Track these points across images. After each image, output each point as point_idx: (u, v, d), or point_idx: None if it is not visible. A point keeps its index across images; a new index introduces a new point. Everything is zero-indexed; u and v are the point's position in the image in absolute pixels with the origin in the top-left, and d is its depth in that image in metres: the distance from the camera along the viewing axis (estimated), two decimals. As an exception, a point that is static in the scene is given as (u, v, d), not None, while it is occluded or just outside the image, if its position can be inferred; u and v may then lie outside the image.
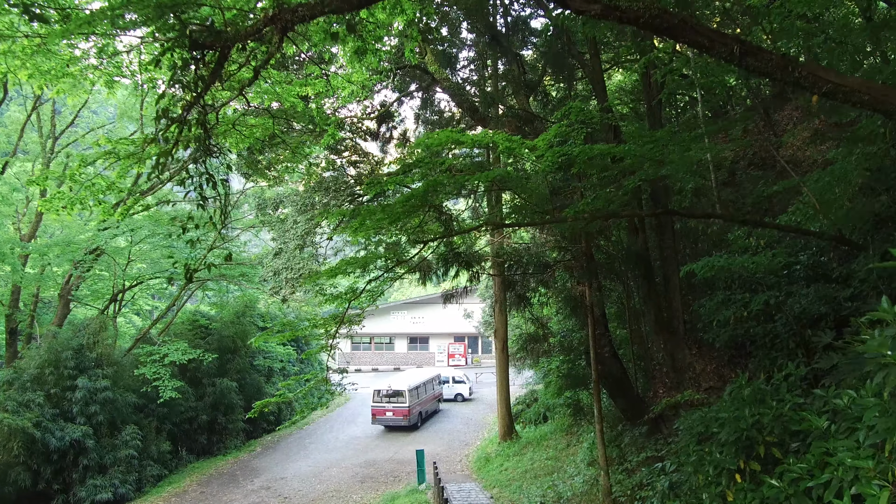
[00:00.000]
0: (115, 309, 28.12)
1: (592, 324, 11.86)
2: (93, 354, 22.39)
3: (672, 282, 13.34)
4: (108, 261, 26.59)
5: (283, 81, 9.02)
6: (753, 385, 6.72)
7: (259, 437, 29.59)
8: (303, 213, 16.61)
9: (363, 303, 10.43)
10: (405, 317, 53.93)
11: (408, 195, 7.42)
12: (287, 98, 9.15)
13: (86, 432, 20.99)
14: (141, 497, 21.69)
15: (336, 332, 9.03)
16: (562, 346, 16.47)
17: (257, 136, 9.39)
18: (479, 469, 21.56)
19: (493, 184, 8.13)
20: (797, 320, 10.20)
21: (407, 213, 7.62)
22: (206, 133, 6.06)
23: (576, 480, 14.10)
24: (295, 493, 21.06)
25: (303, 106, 8.90)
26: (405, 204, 7.37)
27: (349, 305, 8.77)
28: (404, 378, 31.09)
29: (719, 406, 7.15)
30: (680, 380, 12.84)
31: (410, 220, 9.11)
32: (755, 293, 11.05)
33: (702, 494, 6.86)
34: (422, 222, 9.08)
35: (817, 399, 6.15)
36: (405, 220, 8.72)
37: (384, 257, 8.23)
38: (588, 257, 11.54)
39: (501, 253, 14.10)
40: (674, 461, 7.88)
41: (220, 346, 28.13)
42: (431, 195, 7.36)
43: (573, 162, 7.76)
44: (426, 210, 8.81)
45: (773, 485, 5.80)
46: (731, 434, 6.30)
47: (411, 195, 7.40)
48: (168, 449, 24.30)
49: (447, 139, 7.96)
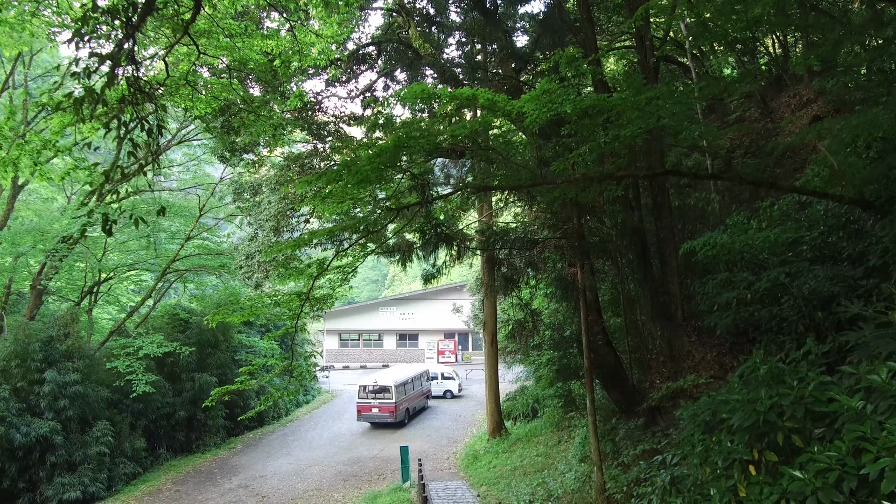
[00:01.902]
0: (91, 301, 27.07)
1: (585, 308, 10.99)
2: (63, 347, 21.37)
3: (669, 265, 12.49)
4: (86, 253, 25.56)
5: (242, 34, 8.10)
6: (770, 363, 5.85)
7: (240, 435, 28.62)
8: (276, 192, 15.68)
9: (336, 283, 9.53)
10: (394, 313, 53.03)
11: (376, 151, 6.53)
12: (249, 54, 8.23)
13: (54, 428, 19.98)
14: (112, 496, 20.69)
15: (301, 311, 8.13)
16: (553, 341, 15.61)
17: (215, 95, 8.44)
18: (466, 467, 20.73)
19: (473, 142, 7.25)
20: (806, 302, 9.42)
21: (376, 173, 6.72)
22: (135, 66, 5.17)
23: (567, 477, 13.25)
24: (274, 491, 20.13)
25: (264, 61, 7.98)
26: (373, 161, 6.48)
27: (314, 281, 7.87)
28: (391, 374, 30.16)
29: (729, 389, 6.27)
30: (678, 369, 11.98)
31: (384, 190, 8.21)
32: (759, 274, 10.29)
33: (709, 489, 5.98)
34: (396, 192, 8.19)
35: (846, 377, 5.30)
36: (375, 187, 7.82)
37: (353, 227, 7.33)
38: (579, 236, 10.68)
39: (487, 231, 13.21)
40: (676, 453, 7.00)
41: (199, 339, 27.13)
42: (402, 151, 6.47)
43: (563, 120, 6.89)
44: (401, 177, 7.92)
45: (795, 477, 4.94)
46: (745, 419, 5.44)
47: (380, 151, 6.51)
48: (143, 446, 23.28)
49: (421, 92, 7.06)
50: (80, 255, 25.45)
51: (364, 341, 54.29)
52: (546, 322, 15.10)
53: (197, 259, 27.38)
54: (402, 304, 53.80)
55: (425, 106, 7.55)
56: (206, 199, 28.23)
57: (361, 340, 54.23)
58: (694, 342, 12.30)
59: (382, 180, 7.60)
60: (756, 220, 11.14)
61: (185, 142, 28.64)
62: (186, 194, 30.47)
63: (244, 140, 17.74)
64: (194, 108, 9.16)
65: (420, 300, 53.08)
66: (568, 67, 7.40)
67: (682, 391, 11.08)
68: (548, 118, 6.97)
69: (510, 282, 13.46)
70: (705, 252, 10.18)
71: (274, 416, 31.81)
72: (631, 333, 14.10)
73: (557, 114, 6.93)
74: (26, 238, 23.64)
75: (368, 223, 7.49)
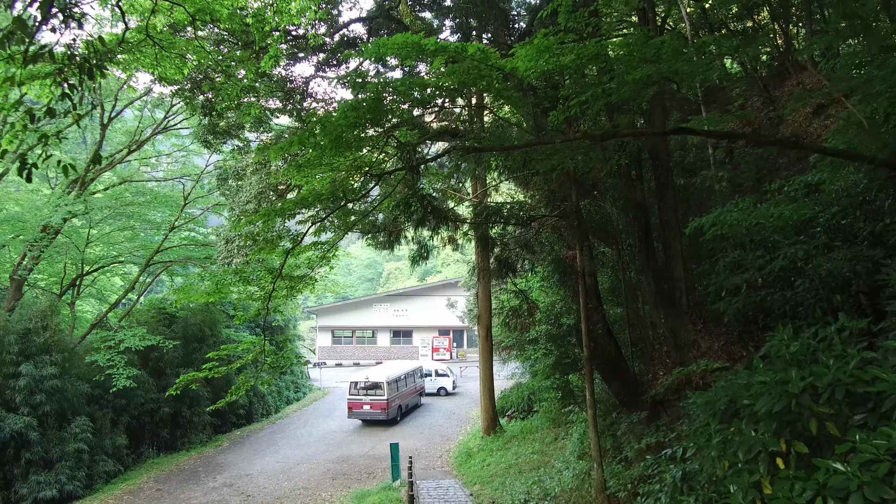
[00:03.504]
0: (74, 294, 26.23)
1: (584, 293, 10.23)
2: (40, 340, 20.49)
3: (673, 248, 11.74)
4: (68, 244, 24.75)
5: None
6: (801, 339, 5.10)
7: (228, 432, 27.81)
8: (256, 172, 14.89)
9: (315, 261, 8.77)
10: (388, 310, 52.25)
11: (352, 102, 5.77)
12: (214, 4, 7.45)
13: (29, 423, 19.12)
14: (91, 495, 19.84)
15: (273, 289, 7.35)
16: (549, 334, 14.85)
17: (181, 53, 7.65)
18: (459, 465, 19.98)
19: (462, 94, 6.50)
20: (824, 284, 8.73)
21: (353, 131, 5.96)
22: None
23: (565, 475, 12.50)
24: (259, 490, 19.33)
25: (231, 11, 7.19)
26: (348, 115, 5.71)
27: (287, 256, 7.11)
28: (383, 370, 29.36)
29: (752, 372, 5.52)
30: (683, 359, 11.23)
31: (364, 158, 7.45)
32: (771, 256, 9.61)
33: (728, 486, 5.24)
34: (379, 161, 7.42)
35: (890, 354, 4.56)
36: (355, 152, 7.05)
37: (329, 193, 6.57)
38: (578, 215, 9.92)
39: (480, 207, 12.41)
40: (688, 446, 6.23)
41: (185, 334, 26.30)
42: (383, 103, 5.70)
43: (562, 67, 6.12)
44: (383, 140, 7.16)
45: (836, 470, 4.20)
46: (775, 403, 4.68)
47: (356, 103, 5.75)
48: (124, 443, 22.42)
49: (404, 43, 6.29)
50: (62, 246, 24.65)
51: (357, 338, 53.50)
52: (542, 310, 14.34)
53: (183, 250, 26.55)
54: (397, 300, 53.03)
55: (411, 61, 6.79)
56: (192, 188, 27.43)
57: (355, 337, 53.43)
58: (700, 330, 11.57)
59: (361, 143, 6.84)
60: (763, 204, 10.46)
61: (171, 130, 27.84)
62: (174, 184, 29.65)
63: (227, 123, 16.97)
64: (162, 69, 8.39)
65: (415, 297, 52.34)
66: (568, 18, 6.64)
67: (688, 382, 10.35)
68: (544, 71, 6.22)
69: (505, 265, 12.68)
70: (714, 232, 9.49)
71: (263, 414, 31.01)
72: (632, 323, 13.37)
73: (555, 67, 6.18)
74: (5, 227, 22.82)
75: (347, 190, 6.73)
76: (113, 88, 24.74)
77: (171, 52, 7.53)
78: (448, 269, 65.86)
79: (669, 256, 11.84)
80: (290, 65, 17.67)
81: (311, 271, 8.37)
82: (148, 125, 26.91)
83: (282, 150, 7.23)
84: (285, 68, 17.45)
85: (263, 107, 16.68)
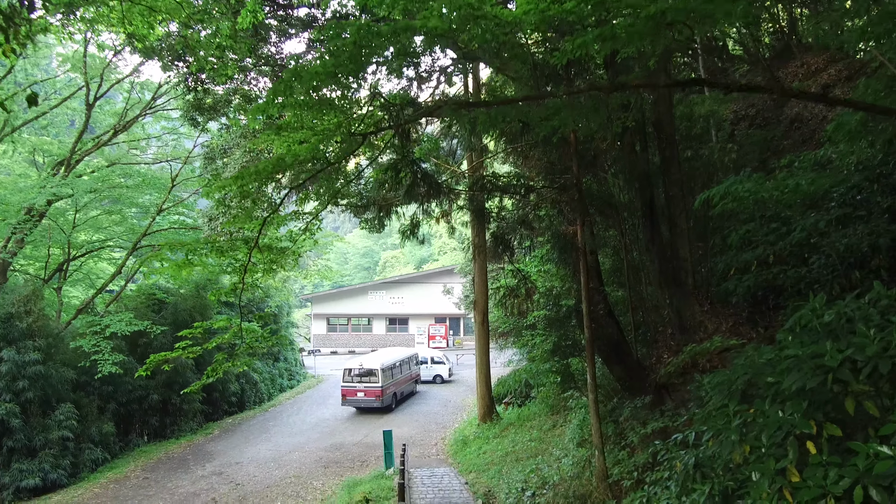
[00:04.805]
0: (60, 279, 25.59)
1: (585, 271, 9.66)
2: (23, 325, 19.88)
3: (679, 226, 11.18)
4: (53, 227, 24.08)
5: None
6: (839, 307, 4.52)
7: (219, 420, 27.27)
8: (241, 147, 14.26)
9: (297, 235, 8.17)
10: (384, 297, 51.70)
11: (330, 47, 5.15)
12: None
13: (11, 410, 18.59)
14: (76, 483, 19.32)
15: (249, 261, 6.77)
16: (548, 319, 14.30)
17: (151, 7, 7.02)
18: (455, 453, 19.51)
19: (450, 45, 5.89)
20: (842, 260, 8.21)
21: (332, 81, 5.35)
22: None
23: (564, 462, 11.97)
24: (249, 479, 18.82)
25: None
26: (326, 62, 5.09)
27: (263, 225, 6.52)
28: (378, 357, 28.80)
29: (778, 346, 4.94)
30: (689, 341, 10.68)
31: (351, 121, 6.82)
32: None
33: (748, 473, 4.67)
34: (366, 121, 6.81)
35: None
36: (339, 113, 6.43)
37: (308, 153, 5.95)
38: (578, 187, 9.33)
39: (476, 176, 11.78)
40: (703, 430, 5.66)
41: (175, 320, 25.60)
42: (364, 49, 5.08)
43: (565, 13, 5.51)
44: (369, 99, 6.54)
45: (882, 454, 3.64)
46: (809, 379, 4.11)
47: (336, 49, 5.13)
48: (112, 431, 21.87)
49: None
50: (48, 230, 24.00)
51: (353, 326, 52.98)
52: (541, 293, 13.77)
53: (173, 234, 25.88)
54: (393, 287, 52.48)
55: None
56: (179, 169, 26.77)
57: (350, 325, 52.92)
58: (706, 311, 11.02)
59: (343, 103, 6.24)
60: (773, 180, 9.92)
61: (160, 112, 27.16)
62: (163, 167, 28.97)
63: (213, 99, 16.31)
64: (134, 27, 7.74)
65: (411, 284, 51.80)
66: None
67: (694, 365, 9.81)
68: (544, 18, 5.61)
69: (501, 242, 12.08)
70: (724, 206, 8.95)
71: (255, 401, 30.48)
72: (635, 305, 12.82)
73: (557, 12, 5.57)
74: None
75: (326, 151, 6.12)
76: (98, 67, 24.06)
77: (141, 7, 6.89)
78: (445, 256, 65.43)
79: (675, 234, 11.27)
80: (280, 41, 17.00)
81: (293, 244, 7.79)
82: (135, 104, 26.21)
83: (259, 111, 6.61)
84: (275, 45, 16.78)
85: (251, 87, 16.06)
